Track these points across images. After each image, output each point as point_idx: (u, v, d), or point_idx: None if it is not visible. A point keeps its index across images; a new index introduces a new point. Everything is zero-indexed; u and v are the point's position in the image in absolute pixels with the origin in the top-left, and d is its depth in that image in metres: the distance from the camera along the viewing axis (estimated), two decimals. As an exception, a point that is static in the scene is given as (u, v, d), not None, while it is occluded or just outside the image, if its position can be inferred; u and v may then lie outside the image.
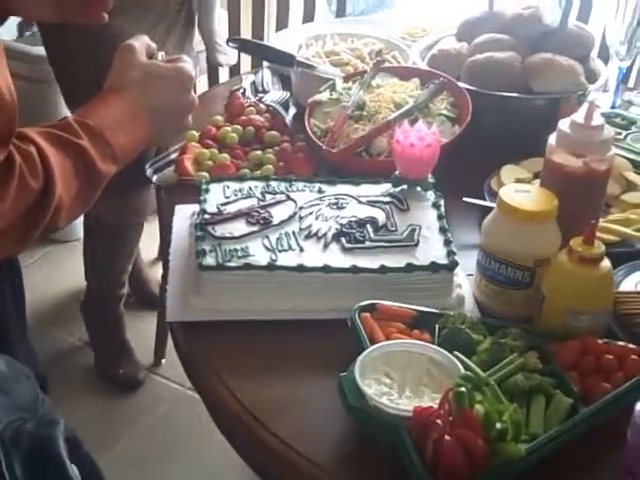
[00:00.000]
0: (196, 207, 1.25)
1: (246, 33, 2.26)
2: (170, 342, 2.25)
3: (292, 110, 1.62)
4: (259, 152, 1.45)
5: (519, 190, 1.13)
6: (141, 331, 2.44)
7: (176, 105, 1.10)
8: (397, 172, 1.27)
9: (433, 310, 1.07)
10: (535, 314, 1.08)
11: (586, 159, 1.12)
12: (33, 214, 0.91)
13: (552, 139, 1.16)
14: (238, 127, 1.50)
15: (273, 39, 1.83)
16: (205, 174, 1.38)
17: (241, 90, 1.68)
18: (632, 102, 1.74)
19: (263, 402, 1.01)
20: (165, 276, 1.20)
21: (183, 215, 1.29)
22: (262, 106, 1.59)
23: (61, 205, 0.93)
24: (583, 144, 1.13)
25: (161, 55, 1.14)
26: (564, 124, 1.14)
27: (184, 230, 1.26)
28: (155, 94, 1.07)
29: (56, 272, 2.67)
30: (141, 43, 1.10)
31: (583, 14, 2.00)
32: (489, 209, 1.26)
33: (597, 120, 1.13)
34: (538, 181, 1.35)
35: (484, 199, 1.36)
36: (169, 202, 1.36)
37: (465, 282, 1.19)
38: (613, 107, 1.69)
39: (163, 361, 2.38)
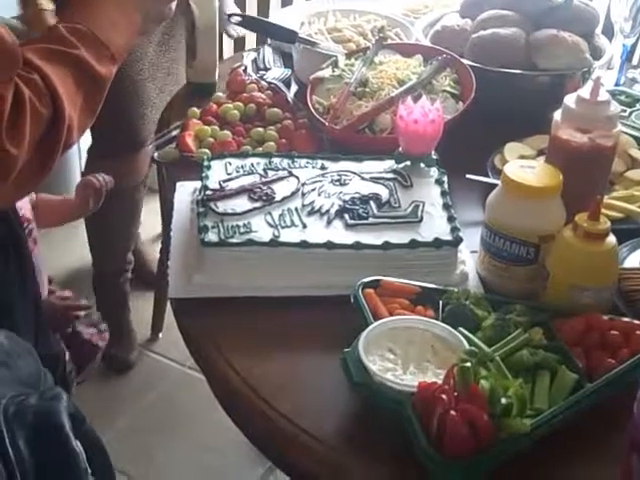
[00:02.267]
0: (197, 184, 1.24)
1: (252, 9, 2.24)
2: (169, 320, 2.29)
3: (294, 87, 1.61)
4: (260, 129, 1.44)
5: (524, 166, 1.12)
6: (139, 309, 2.43)
7: None
8: (400, 148, 1.26)
9: (437, 286, 1.07)
10: (540, 290, 1.08)
11: (592, 135, 1.11)
12: (48, 140, 0.90)
13: (557, 115, 1.15)
14: (239, 104, 1.49)
15: (275, 16, 1.81)
16: (206, 151, 1.37)
17: (242, 67, 1.67)
18: (636, 80, 1.73)
19: (265, 378, 1.00)
20: (166, 252, 1.19)
21: (184, 191, 1.28)
22: (264, 83, 1.58)
23: (72, 122, 0.93)
24: (589, 120, 1.12)
25: None
26: (570, 100, 1.13)
27: (185, 206, 1.25)
28: None
29: (53, 256, 2.66)
30: None
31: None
32: (493, 186, 1.25)
33: (603, 96, 1.12)
34: (542, 158, 1.34)
35: (488, 176, 1.35)
36: (170, 179, 1.35)
37: (469, 259, 1.18)
38: (617, 85, 1.68)
39: (160, 335, 2.38)
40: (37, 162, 0.89)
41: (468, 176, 1.33)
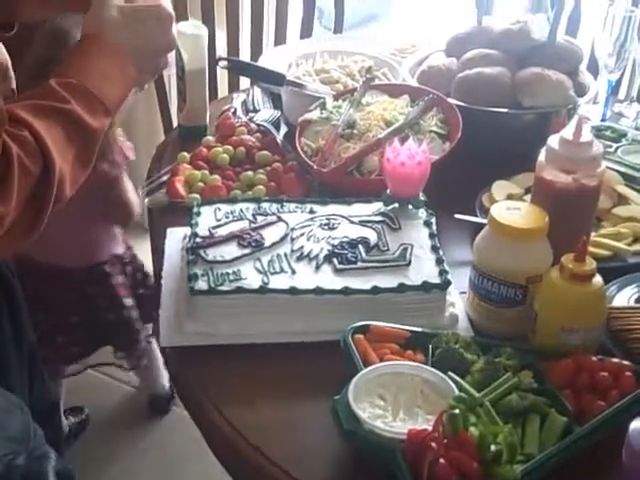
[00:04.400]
0: (188, 230, 1.25)
1: (245, 51, 2.27)
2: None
3: (283, 129, 1.62)
4: (250, 173, 1.44)
5: (510, 207, 1.13)
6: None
7: (156, 44, 1.07)
8: (388, 191, 1.27)
9: (426, 330, 1.07)
10: (529, 332, 1.08)
11: (576, 175, 1.12)
12: (39, 196, 0.91)
13: (542, 156, 1.16)
14: (229, 148, 1.50)
15: (264, 58, 1.83)
16: (196, 196, 1.38)
17: (232, 110, 1.68)
18: (622, 114, 1.75)
19: (256, 426, 1.01)
20: (157, 300, 1.20)
21: (175, 238, 1.29)
22: (253, 126, 1.59)
23: (63, 177, 0.93)
24: (573, 160, 1.13)
25: None
26: (553, 141, 1.14)
27: (176, 253, 1.26)
28: (134, 34, 1.04)
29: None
30: None
31: (571, 27, 2.00)
32: (481, 225, 1.26)
33: (586, 136, 1.13)
34: (529, 196, 1.35)
35: (476, 215, 1.36)
36: (161, 225, 1.36)
37: (458, 300, 1.18)
38: (603, 119, 1.70)
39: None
40: (28, 218, 0.89)
41: (457, 216, 1.34)
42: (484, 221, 1.29)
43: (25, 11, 1.07)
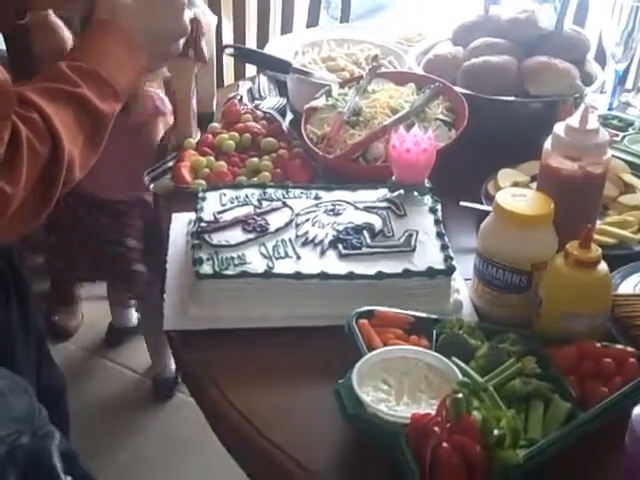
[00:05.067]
0: (193, 215, 1.25)
1: (251, 40, 2.27)
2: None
3: (289, 116, 1.63)
4: (255, 159, 1.45)
5: (515, 194, 1.13)
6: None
7: (167, 30, 1.08)
8: (393, 177, 1.27)
9: (430, 316, 1.07)
10: (533, 318, 1.08)
11: (582, 162, 1.12)
12: (47, 178, 0.91)
13: (548, 143, 1.16)
14: (235, 134, 1.50)
15: (271, 46, 1.82)
16: (202, 182, 1.38)
17: (238, 97, 1.68)
18: (629, 104, 1.75)
19: (261, 410, 1.01)
20: (162, 284, 1.20)
21: (180, 223, 1.29)
22: (259, 113, 1.59)
23: (72, 159, 0.93)
24: (578, 148, 1.13)
25: None
26: (559, 128, 1.14)
27: (181, 238, 1.26)
28: (146, 19, 1.05)
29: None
30: None
31: (579, 17, 2.00)
32: (486, 213, 1.26)
33: (592, 124, 1.13)
34: (535, 184, 1.35)
35: (481, 203, 1.36)
36: (166, 210, 1.36)
37: (463, 286, 1.19)
38: (610, 109, 1.69)
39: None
40: (36, 200, 0.90)
41: (462, 203, 1.34)
42: (489, 209, 1.28)
43: (39, 2, 1.07)
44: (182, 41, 1.11)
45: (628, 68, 1.79)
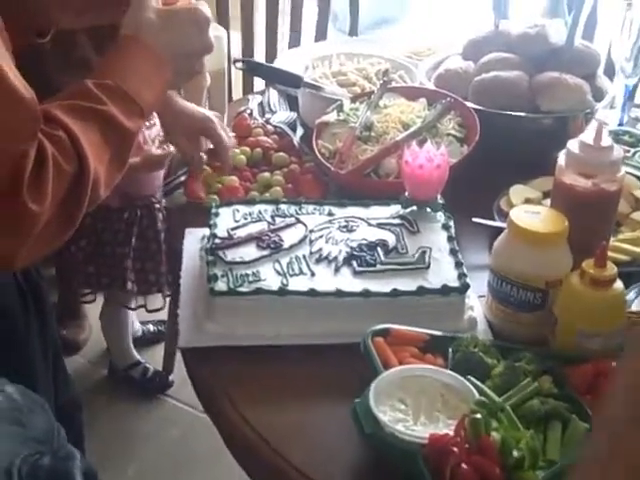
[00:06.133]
0: (206, 230, 1.25)
1: (259, 54, 2.27)
2: (179, 364, 2.28)
3: (299, 131, 1.62)
4: (267, 174, 1.45)
5: (529, 211, 1.13)
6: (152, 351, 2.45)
7: (192, 46, 1.08)
8: (406, 193, 1.27)
9: (445, 334, 1.07)
10: (548, 336, 1.08)
11: (596, 180, 1.12)
12: (73, 197, 0.91)
13: (561, 159, 1.16)
14: (246, 149, 1.50)
15: (280, 60, 1.83)
16: (215, 197, 1.39)
17: (248, 111, 1.68)
18: (639, 119, 1.74)
19: (276, 428, 1.01)
20: (176, 300, 1.20)
21: (193, 238, 1.29)
22: (269, 127, 1.59)
23: (98, 178, 0.93)
24: (593, 165, 1.13)
25: None
26: (573, 145, 1.14)
27: (194, 254, 1.26)
28: (171, 37, 1.05)
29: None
30: None
31: (588, 32, 2.00)
32: (499, 229, 1.26)
33: (606, 141, 1.13)
34: (548, 200, 1.35)
35: (493, 219, 1.36)
36: (179, 225, 1.36)
37: (477, 303, 1.18)
38: (620, 124, 1.69)
39: (171, 378, 2.38)
40: (62, 218, 0.90)
41: (474, 220, 1.34)
42: (502, 225, 1.29)
43: (61, 19, 1.07)
44: (207, 57, 1.11)
45: (638, 83, 1.78)
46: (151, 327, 2.52)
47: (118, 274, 1.97)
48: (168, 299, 2.23)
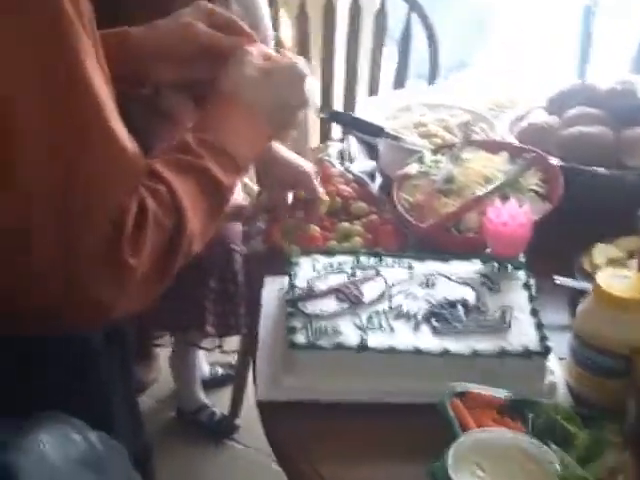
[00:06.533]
0: (285, 279, 1.26)
1: (338, 99, 2.30)
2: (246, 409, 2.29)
3: (378, 180, 1.63)
4: (346, 223, 1.45)
5: (617, 275, 1.11)
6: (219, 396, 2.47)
7: (288, 102, 1.09)
8: (488, 250, 1.26)
9: (525, 398, 1.05)
10: (633, 406, 1.05)
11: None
12: (170, 251, 0.91)
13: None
14: (326, 198, 1.51)
15: (360, 108, 1.84)
16: (295, 247, 1.39)
17: (327, 158, 1.69)
18: None
19: (351, 487, 1.00)
20: (253, 350, 1.21)
21: (272, 287, 1.30)
22: (349, 176, 1.60)
23: (193, 234, 0.94)
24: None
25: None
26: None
27: (273, 303, 1.27)
28: (268, 93, 1.06)
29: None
30: (258, 50, 1.11)
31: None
32: (580, 289, 1.25)
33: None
34: (633, 261, 1.33)
35: (575, 278, 1.34)
36: (257, 272, 1.37)
37: (557, 367, 1.16)
38: None
39: (237, 422, 2.39)
40: (157, 272, 0.90)
41: (557, 280, 1.32)
42: (586, 286, 1.27)
43: (160, 72, 1.10)
44: (305, 110, 1.13)
45: None
46: (220, 369, 2.53)
47: (197, 316, 1.99)
48: (238, 341, 2.26)
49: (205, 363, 2.50)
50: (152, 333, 2.14)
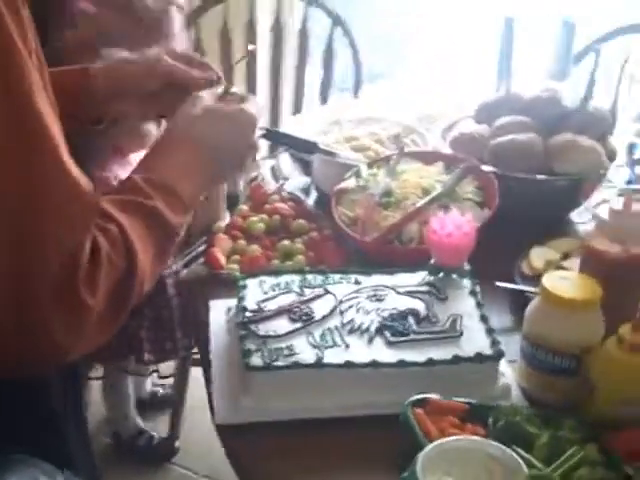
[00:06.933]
0: (230, 302, 1.26)
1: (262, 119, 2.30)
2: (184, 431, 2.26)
3: (313, 195, 1.63)
4: (287, 242, 1.45)
5: (561, 277, 1.14)
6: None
7: (236, 146, 1.10)
8: (432, 260, 1.28)
9: (484, 403, 1.07)
10: (586, 403, 1.08)
11: (627, 246, 1.13)
12: (122, 290, 0.91)
13: (591, 226, 1.18)
14: (264, 217, 1.51)
15: (288, 124, 1.85)
16: (235, 266, 1.39)
17: (260, 177, 1.69)
18: (645, 175, 1.76)
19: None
20: (207, 376, 1.19)
21: (218, 311, 1.29)
22: (284, 194, 1.60)
23: (144, 275, 0.93)
24: (623, 231, 1.14)
25: (223, 88, 1.15)
26: (603, 212, 1.16)
27: (221, 327, 1.25)
28: (216, 133, 1.07)
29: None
30: (211, 94, 1.12)
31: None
32: (521, 292, 1.28)
33: (637, 207, 1.14)
34: (567, 262, 1.37)
35: (514, 281, 1.37)
36: (200, 296, 1.36)
37: (507, 369, 1.18)
38: (630, 182, 1.71)
39: (177, 445, 2.36)
40: (110, 313, 0.89)
41: (498, 284, 1.35)
42: (527, 289, 1.30)
43: (121, 109, 1.10)
44: (256, 156, 1.15)
45: None
46: (160, 390, 2.49)
47: (134, 345, 1.95)
48: (174, 364, 2.23)
49: (147, 383, 2.46)
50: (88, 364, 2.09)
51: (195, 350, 2.11)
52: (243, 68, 2.28)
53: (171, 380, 2.38)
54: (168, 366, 2.28)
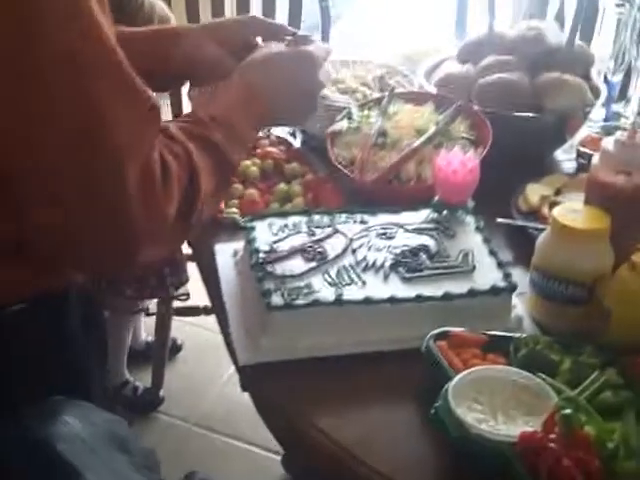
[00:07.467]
0: (235, 245, 1.26)
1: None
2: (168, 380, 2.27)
3: (299, 137, 1.63)
4: (283, 185, 1.45)
5: (570, 210, 1.16)
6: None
7: (299, 87, 1.12)
8: (436, 198, 1.29)
9: (505, 334, 1.09)
10: (601, 329, 1.11)
11: (632, 176, 1.16)
12: (186, 209, 0.93)
13: (595, 159, 1.20)
14: (257, 160, 1.50)
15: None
16: (235, 210, 1.38)
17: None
18: (620, 114, 1.80)
19: (353, 438, 1.01)
20: (221, 319, 1.19)
21: (224, 254, 1.29)
22: (273, 137, 1.59)
23: (205, 197, 0.96)
24: (628, 161, 1.17)
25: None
26: (608, 143, 1.18)
27: (230, 270, 1.25)
28: (274, 79, 1.10)
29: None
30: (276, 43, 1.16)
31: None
32: (520, 227, 1.30)
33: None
34: (560, 197, 1.40)
35: (512, 217, 1.39)
36: (203, 241, 1.35)
37: (518, 302, 1.21)
38: (606, 120, 1.75)
39: (161, 393, 2.36)
40: (177, 228, 0.92)
41: (499, 220, 1.37)
42: (527, 224, 1.33)
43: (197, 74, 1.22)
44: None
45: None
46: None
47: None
48: (155, 307, 2.22)
49: (142, 332, 2.45)
50: None
51: (182, 297, 2.10)
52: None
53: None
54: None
